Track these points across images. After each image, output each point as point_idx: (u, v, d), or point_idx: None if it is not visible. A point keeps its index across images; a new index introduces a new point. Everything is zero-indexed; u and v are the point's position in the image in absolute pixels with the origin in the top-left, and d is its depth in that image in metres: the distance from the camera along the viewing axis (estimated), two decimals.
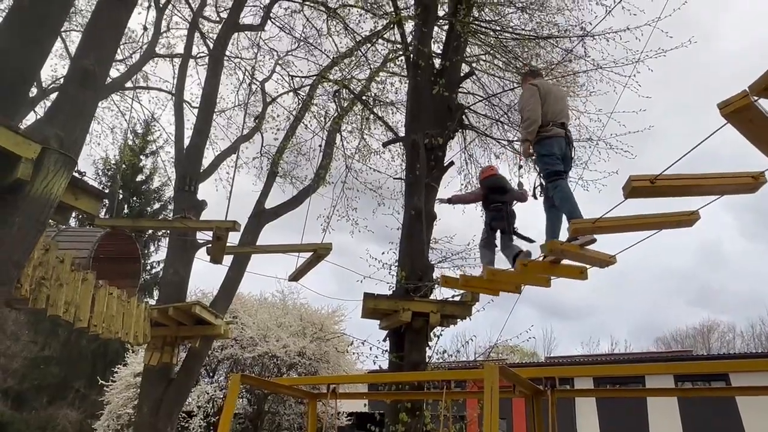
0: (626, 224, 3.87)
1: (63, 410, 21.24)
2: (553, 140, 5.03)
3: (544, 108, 5.09)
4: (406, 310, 7.02)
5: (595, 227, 3.88)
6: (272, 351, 18.67)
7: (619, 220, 3.87)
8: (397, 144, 10.66)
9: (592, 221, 3.88)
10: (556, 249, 4.23)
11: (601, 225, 3.85)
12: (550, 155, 4.98)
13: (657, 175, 3.10)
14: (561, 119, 5.14)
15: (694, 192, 3.34)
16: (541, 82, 5.43)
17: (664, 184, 3.14)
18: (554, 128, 5.06)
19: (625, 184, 3.62)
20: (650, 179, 3.12)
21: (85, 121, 3.73)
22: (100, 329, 6.54)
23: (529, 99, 5.16)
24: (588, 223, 3.90)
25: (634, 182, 3.54)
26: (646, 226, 3.90)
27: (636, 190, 3.56)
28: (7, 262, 3.22)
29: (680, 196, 3.38)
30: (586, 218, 3.97)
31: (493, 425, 3.83)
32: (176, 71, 13.24)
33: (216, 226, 5.69)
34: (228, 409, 4.58)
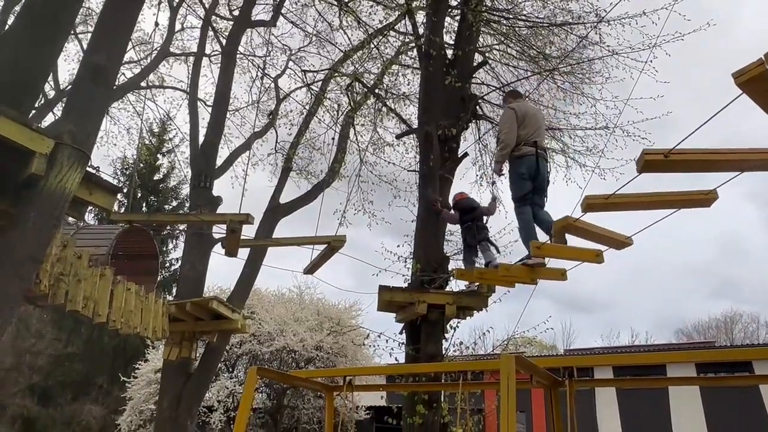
0: (641, 201, 3.77)
1: (87, 406, 21.64)
2: (522, 160, 5.47)
3: (521, 130, 5.49)
4: (422, 302, 6.99)
5: (608, 203, 3.79)
6: (290, 345, 18.78)
7: (634, 196, 3.78)
8: (410, 136, 10.60)
9: (605, 197, 3.80)
10: (570, 225, 4.13)
11: (614, 201, 3.76)
12: (519, 176, 5.46)
13: (671, 149, 3.02)
14: (533, 138, 5.51)
15: (712, 167, 3.24)
16: (519, 105, 5.78)
17: (679, 158, 3.05)
18: (525, 147, 5.47)
19: (638, 158, 3.52)
20: (664, 153, 3.04)
21: (97, 116, 3.76)
22: (119, 324, 6.62)
23: (506, 123, 5.59)
24: (601, 199, 3.82)
25: (647, 156, 3.44)
26: (661, 205, 3.80)
27: (649, 164, 3.46)
28: (25, 257, 3.26)
29: (696, 171, 3.29)
30: (599, 194, 3.88)
31: (510, 416, 3.79)
32: (190, 70, 13.36)
33: (230, 219, 5.71)
34: (245, 402, 4.60)
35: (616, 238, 4.37)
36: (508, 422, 3.74)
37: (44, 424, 21.31)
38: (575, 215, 4.23)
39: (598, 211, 4.08)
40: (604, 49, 9.27)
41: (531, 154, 5.46)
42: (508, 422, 3.74)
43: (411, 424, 6.85)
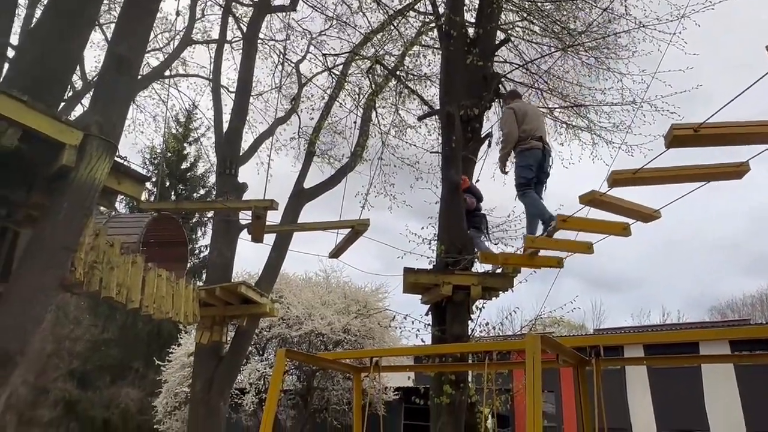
0: (669, 175, 3.68)
1: (124, 389, 22.37)
2: (530, 152, 5.89)
3: (522, 126, 5.93)
4: (447, 284, 6.99)
5: (636, 177, 3.71)
6: (318, 329, 19.05)
7: (662, 170, 3.69)
8: (432, 118, 10.52)
9: (633, 171, 3.73)
10: (596, 200, 4.07)
11: (641, 176, 3.68)
12: (526, 166, 5.86)
13: (701, 123, 2.94)
14: (538, 134, 5.96)
15: (743, 140, 3.14)
16: (518, 104, 6.24)
17: (709, 132, 2.97)
18: (532, 141, 5.91)
19: (666, 133, 3.44)
20: (693, 127, 2.96)
21: (122, 106, 3.83)
22: (151, 309, 6.81)
23: (506, 122, 6.02)
24: (628, 174, 3.74)
25: (676, 130, 3.35)
26: (691, 178, 3.70)
27: (678, 139, 3.38)
28: (59, 246, 3.37)
29: (727, 144, 3.19)
30: (626, 168, 3.81)
31: (536, 395, 3.78)
32: (212, 56, 13.46)
33: (254, 205, 5.80)
34: (275, 383, 4.70)
35: (644, 212, 4.28)
36: (534, 401, 3.75)
37: (84, 407, 22.12)
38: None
39: (625, 186, 4.00)
40: (630, 22, 9.01)
41: (538, 147, 5.88)
42: (534, 401, 3.75)
43: (439, 403, 6.91)
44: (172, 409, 19.92)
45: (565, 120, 9.79)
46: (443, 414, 6.89)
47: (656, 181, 4.01)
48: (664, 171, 3.93)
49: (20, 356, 3.17)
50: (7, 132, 3.22)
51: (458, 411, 6.92)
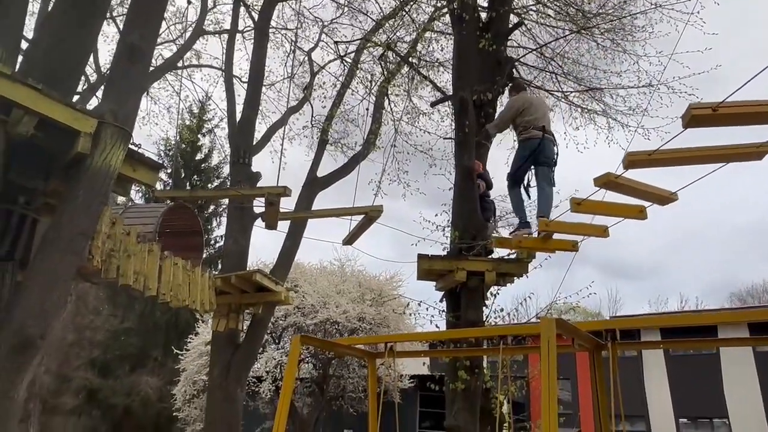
0: (686, 156, 3.62)
1: (144, 377, 22.78)
2: (528, 143, 6.24)
3: (524, 115, 6.29)
4: (461, 270, 6.97)
5: (652, 159, 3.65)
6: (333, 317, 19.17)
7: (679, 151, 3.63)
8: (445, 104, 10.46)
9: (649, 152, 3.67)
10: (611, 183, 4.02)
11: (658, 157, 3.62)
12: (521, 157, 6.27)
13: (719, 103, 2.88)
14: (540, 124, 6.25)
15: (764, 120, 3.08)
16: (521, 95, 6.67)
17: (729, 111, 2.91)
18: (533, 131, 6.24)
19: (684, 113, 3.38)
20: (712, 107, 2.90)
21: (136, 94, 3.86)
22: (168, 297, 6.89)
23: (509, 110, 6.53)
24: (644, 155, 3.68)
25: (694, 110, 3.29)
26: (710, 159, 3.63)
27: (696, 119, 3.31)
28: (76, 233, 3.41)
29: (746, 124, 3.13)
30: (641, 150, 3.75)
31: (551, 380, 3.76)
32: (224, 46, 13.48)
33: (268, 192, 5.83)
34: (290, 369, 4.74)
35: (660, 194, 4.22)
36: (549, 386, 3.73)
37: (105, 395, 22.57)
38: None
39: (641, 167, 3.94)
40: (647, 2, 8.83)
41: (537, 137, 6.20)
42: (549, 386, 3.73)
43: (454, 389, 6.92)
44: (190, 397, 20.24)
45: (580, 104, 9.65)
46: (458, 400, 6.90)
47: (673, 163, 3.94)
48: (681, 152, 3.85)
49: (41, 341, 3.23)
50: (23, 120, 3.26)
51: (473, 397, 6.93)
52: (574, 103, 9.70)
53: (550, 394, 3.71)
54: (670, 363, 24.58)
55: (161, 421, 23.05)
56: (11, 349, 3.16)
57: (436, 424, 24.67)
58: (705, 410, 23.70)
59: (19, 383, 3.18)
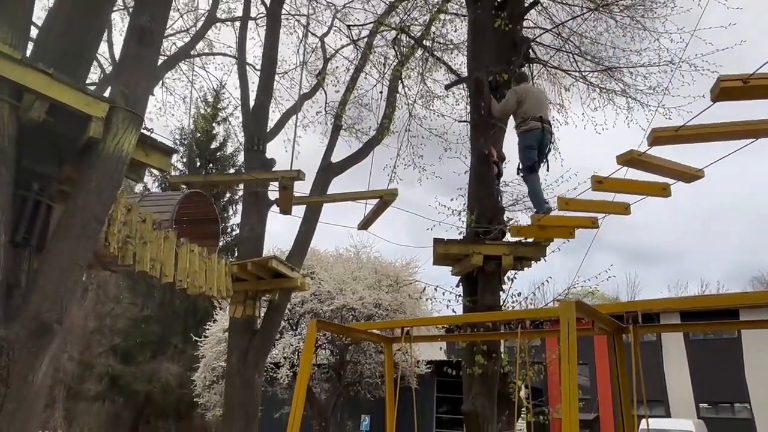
0: (714, 132, 3.48)
1: (164, 364, 23.15)
2: (530, 133, 6.48)
3: (525, 106, 6.55)
4: (477, 254, 6.88)
5: (678, 135, 3.53)
6: (349, 304, 19.25)
7: (706, 127, 3.50)
8: (460, 87, 10.30)
9: (674, 128, 3.54)
10: (635, 160, 3.90)
11: (684, 133, 3.50)
12: (528, 147, 6.46)
13: (751, 74, 2.75)
14: (539, 113, 6.51)
15: None
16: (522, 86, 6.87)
17: (760, 83, 2.78)
18: (532, 122, 6.47)
19: (713, 86, 3.25)
20: (743, 78, 2.77)
21: (147, 77, 3.83)
22: (185, 284, 6.92)
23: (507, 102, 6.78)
24: (670, 131, 3.56)
25: (723, 82, 3.16)
26: (738, 135, 3.50)
27: (725, 92, 3.18)
28: (90, 218, 3.40)
29: None
30: (668, 126, 3.63)
31: (571, 364, 3.69)
32: (237, 34, 13.43)
33: (281, 176, 5.79)
34: (307, 353, 4.74)
35: (686, 171, 4.09)
36: (570, 370, 3.65)
37: (127, 381, 22.99)
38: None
39: (666, 144, 3.81)
40: None
41: (537, 128, 6.45)
42: (570, 370, 3.65)
43: (471, 374, 6.88)
44: (210, 383, 20.54)
45: (599, 84, 9.43)
46: (476, 384, 6.86)
47: (700, 139, 3.80)
48: (708, 128, 3.70)
49: (58, 326, 3.23)
50: (34, 105, 3.24)
51: (491, 381, 6.88)
52: (592, 83, 9.48)
53: (570, 377, 3.64)
54: (689, 347, 24.29)
55: (181, 406, 23.45)
56: (29, 335, 3.17)
57: (453, 409, 24.76)
58: (726, 395, 23.43)
59: (38, 368, 3.19)
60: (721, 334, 24.52)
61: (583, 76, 9.63)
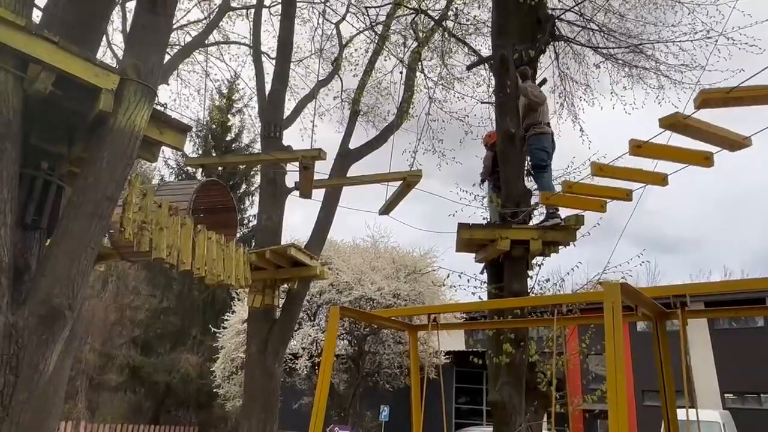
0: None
1: (184, 355, 23.23)
2: (545, 136, 6.79)
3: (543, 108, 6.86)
4: (504, 239, 6.59)
5: (729, 97, 3.21)
6: (368, 294, 19.08)
7: (761, 88, 3.18)
8: (481, 68, 9.97)
9: (726, 90, 3.23)
10: (679, 124, 3.58)
11: (737, 95, 3.18)
12: (543, 149, 6.74)
13: None
14: (548, 120, 6.95)
15: None
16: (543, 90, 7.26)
17: None
18: (545, 127, 6.82)
19: None
20: None
21: (159, 48, 3.60)
22: (203, 272, 6.75)
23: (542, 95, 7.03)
24: (721, 92, 3.25)
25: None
26: None
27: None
28: (101, 196, 3.20)
29: None
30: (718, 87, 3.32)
31: (617, 351, 3.40)
32: (251, 22, 13.22)
33: (302, 155, 5.56)
34: (330, 341, 4.52)
35: (732, 138, 3.75)
36: (616, 361, 3.36)
37: (148, 372, 23.12)
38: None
39: (716, 107, 3.48)
40: None
41: (549, 132, 6.81)
42: (616, 361, 3.36)
43: (497, 364, 6.62)
44: (229, 374, 20.57)
45: (629, 61, 9.01)
46: (502, 374, 6.61)
47: (754, 101, 3.46)
48: (765, 89, 3.38)
49: (69, 311, 3.04)
50: (40, 76, 3.04)
51: (519, 371, 6.62)
52: (620, 60, 9.06)
53: (616, 365, 3.35)
54: (714, 336, 23.76)
55: (201, 397, 23.55)
56: (39, 321, 2.98)
57: (472, 400, 24.57)
58: (752, 385, 22.91)
59: (49, 356, 3.01)
60: (747, 323, 23.98)
61: (611, 53, 9.21)
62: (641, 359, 21.37)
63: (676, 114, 3.63)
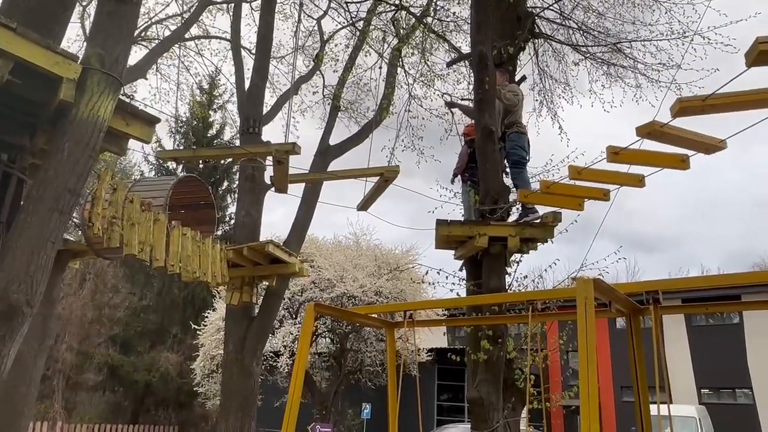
0: (749, 100, 3.18)
1: (164, 353, 22.95)
2: (524, 136, 7.00)
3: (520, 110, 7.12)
4: (483, 235, 6.57)
5: (706, 105, 3.22)
6: (350, 291, 19.01)
7: (739, 95, 3.19)
8: (462, 65, 9.95)
9: (702, 98, 3.24)
10: (656, 132, 3.60)
11: (713, 102, 3.19)
12: (522, 147, 6.93)
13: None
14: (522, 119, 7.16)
15: None
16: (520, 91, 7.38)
17: None
18: (524, 127, 7.08)
19: (749, 49, 2.95)
20: None
21: (125, 37, 3.49)
22: (177, 269, 6.62)
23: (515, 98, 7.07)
24: (697, 101, 3.26)
25: (763, 44, 2.87)
26: None
27: (764, 55, 2.90)
28: (63, 189, 3.10)
29: None
30: (695, 95, 3.33)
31: (589, 346, 3.39)
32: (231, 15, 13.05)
33: (275, 149, 5.47)
34: (304, 337, 4.46)
35: (708, 142, 3.79)
36: (588, 354, 3.36)
37: (127, 370, 22.80)
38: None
39: (693, 115, 3.50)
40: None
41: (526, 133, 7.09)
42: (588, 354, 3.36)
43: (475, 360, 6.61)
44: (209, 372, 20.36)
45: (607, 59, 9.06)
46: (480, 371, 6.59)
47: (731, 108, 3.47)
48: (742, 96, 3.37)
49: (28, 308, 2.94)
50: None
51: (496, 368, 6.61)
52: (597, 59, 9.11)
53: (589, 362, 3.35)
54: (691, 333, 24.13)
55: (182, 396, 23.29)
56: None
57: (454, 396, 24.64)
58: (728, 380, 23.32)
59: (6, 354, 2.90)
60: (723, 319, 24.40)
61: (589, 52, 9.25)
62: (620, 356, 21.66)
63: (653, 122, 3.65)
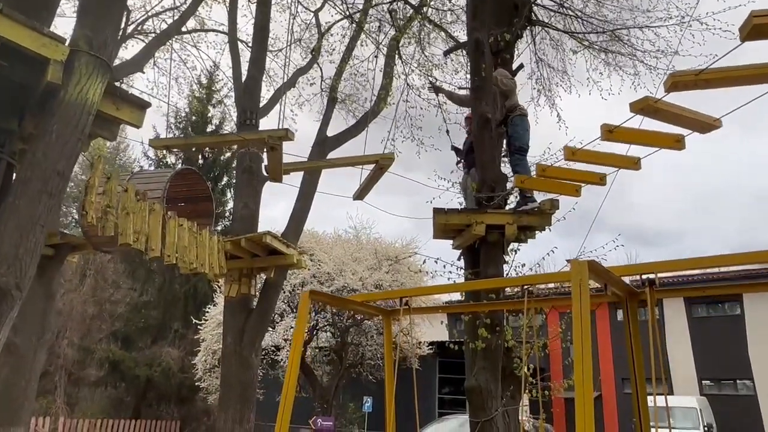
0: (741, 75, 3.14)
1: (165, 348, 22.97)
2: (526, 119, 6.95)
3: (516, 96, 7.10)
4: (480, 224, 6.54)
5: (699, 80, 3.18)
6: (349, 285, 19.00)
7: (732, 70, 3.15)
8: (459, 55, 9.90)
9: (695, 72, 3.20)
10: (649, 108, 3.56)
11: (706, 77, 3.16)
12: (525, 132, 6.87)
13: None
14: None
15: None
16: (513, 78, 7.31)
17: None
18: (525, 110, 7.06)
19: (743, 23, 2.91)
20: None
21: (113, 18, 3.46)
22: (173, 259, 6.60)
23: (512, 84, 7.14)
24: (690, 75, 3.22)
25: (757, 18, 2.83)
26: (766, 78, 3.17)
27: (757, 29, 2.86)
28: (51, 172, 3.07)
29: None
30: (688, 70, 3.29)
31: (584, 329, 3.37)
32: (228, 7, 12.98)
33: (268, 135, 5.43)
34: (300, 326, 4.44)
35: (703, 120, 3.75)
36: (583, 338, 3.33)
37: (129, 366, 22.83)
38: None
39: (686, 90, 3.47)
40: None
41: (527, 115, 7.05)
42: (583, 338, 3.33)
43: (474, 349, 6.59)
44: (211, 367, 20.39)
45: (605, 47, 9.00)
46: (479, 360, 6.58)
47: (725, 83, 3.44)
48: (735, 70, 3.33)
49: (17, 291, 2.92)
50: None
51: (494, 356, 6.59)
52: (595, 46, 9.05)
53: (583, 346, 3.33)
54: (692, 324, 24.10)
55: (183, 391, 23.33)
56: None
57: (456, 389, 24.66)
58: (729, 372, 23.30)
59: None
60: (724, 310, 24.36)
61: (587, 39, 9.18)
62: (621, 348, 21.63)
63: (647, 98, 3.61)
